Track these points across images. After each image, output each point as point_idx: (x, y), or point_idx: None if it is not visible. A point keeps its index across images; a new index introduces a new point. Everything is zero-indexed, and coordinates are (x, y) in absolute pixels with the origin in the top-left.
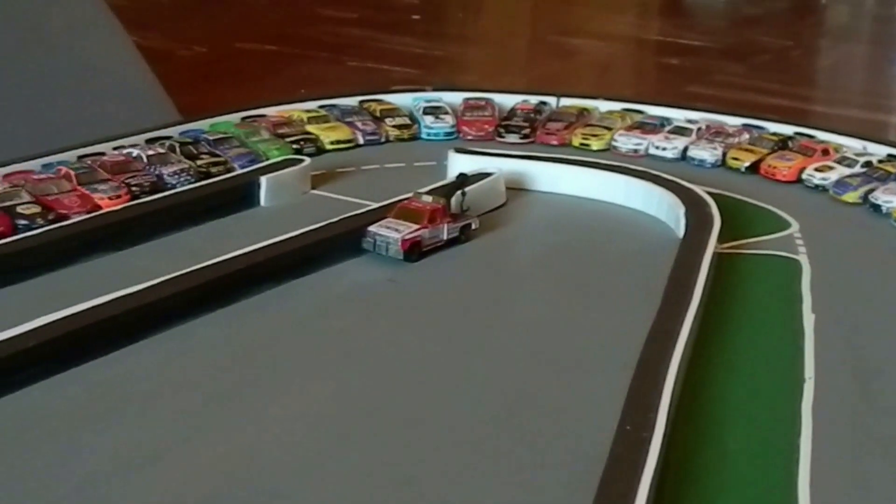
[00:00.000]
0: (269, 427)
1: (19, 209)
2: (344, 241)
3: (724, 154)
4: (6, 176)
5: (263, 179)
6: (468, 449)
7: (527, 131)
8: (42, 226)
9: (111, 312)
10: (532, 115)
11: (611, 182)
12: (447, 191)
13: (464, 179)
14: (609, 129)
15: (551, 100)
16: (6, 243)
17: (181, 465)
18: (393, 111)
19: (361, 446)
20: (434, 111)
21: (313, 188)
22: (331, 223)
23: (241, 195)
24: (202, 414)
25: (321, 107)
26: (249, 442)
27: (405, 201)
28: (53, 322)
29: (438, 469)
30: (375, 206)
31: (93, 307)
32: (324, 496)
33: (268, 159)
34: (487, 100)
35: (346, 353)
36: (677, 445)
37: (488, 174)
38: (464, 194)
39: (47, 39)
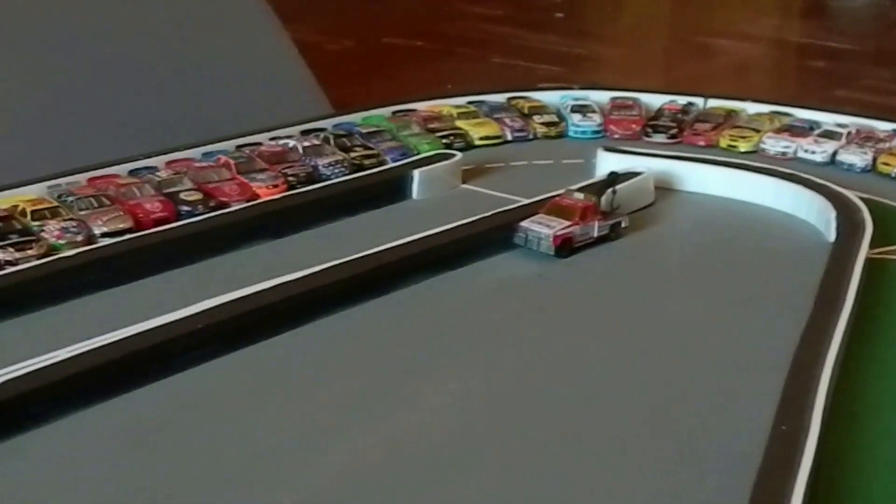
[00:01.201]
0: (422, 413)
1: (182, 195)
2: (496, 235)
3: (875, 159)
4: (169, 163)
5: (416, 173)
6: (617, 445)
7: (674, 131)
8: (203, 212)
9: (273, 298)
10: (679, 116)
11: (760, 184)
12: (598, 188)
13: (615, 178)
14: (757, 131)
15: (699, 101)
16: (170, 228)
17: (341, 445)
18: (540, 108)
19: (509, 436)
20: (581, 109)
21: (463, 182)
22: (483, 217)
23: (393, 188)
24: (359, 398)
25: (470, 102)
26: (404, 426)
27: (557, 198)
28: (220, 305)
29: (587, 464)
30: (526, 201)
31: (256, 292)
32: (472, 482)
33: (418, 153)
34: (635, 99)
35: (497, 345)
36: (829, 448)
37: (638, 173)
38: (614, 192)
39: (210, 34)
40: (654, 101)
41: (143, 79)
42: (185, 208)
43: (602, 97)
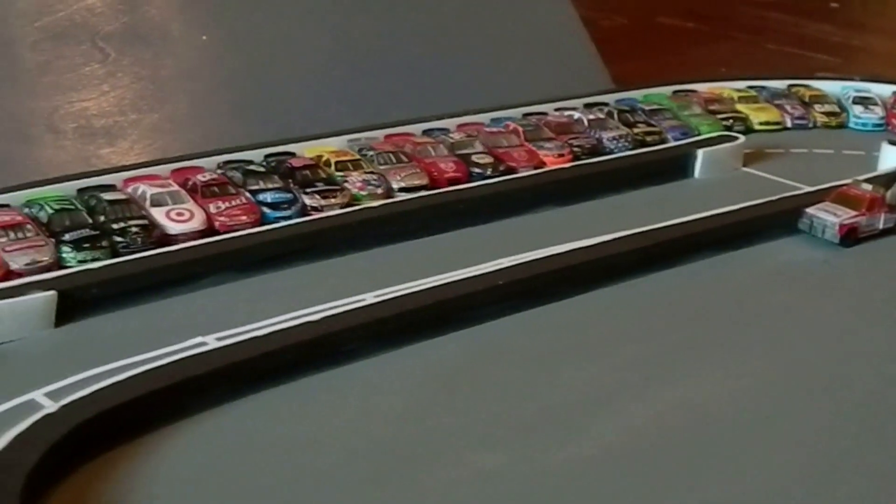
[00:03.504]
0: (707, 387)
1: (474, 158)
2: (780, 219)
3: None
4: (460, 126)
5: (700, 153)
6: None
7: None
8: (493, 176)
9: (569, 262)
10: None
11: None
12: (886, 181)
13: None
14: None
15: None
16: (464, 189)
17: (628, 410)
18: (821, 98)
19: (788, 422)
20: (863, 101)
21: (744, 166)
22: (768, 201)
23: (676, 165)
24: (647, 364)
25: (750, 87)
26: (689, 397)
27: (844, 187)
28: (520, 264)
29: (874, 457)
30: (808, 189)
31: (553, 255)
32: (746, 460)
33: (699, 134)
34: None
35: (781, 326)
36: None
37: None
38: None
39: (500, 6)
40: None
41: (438, 45)
42: (477, 170)
43: (884, 90)
